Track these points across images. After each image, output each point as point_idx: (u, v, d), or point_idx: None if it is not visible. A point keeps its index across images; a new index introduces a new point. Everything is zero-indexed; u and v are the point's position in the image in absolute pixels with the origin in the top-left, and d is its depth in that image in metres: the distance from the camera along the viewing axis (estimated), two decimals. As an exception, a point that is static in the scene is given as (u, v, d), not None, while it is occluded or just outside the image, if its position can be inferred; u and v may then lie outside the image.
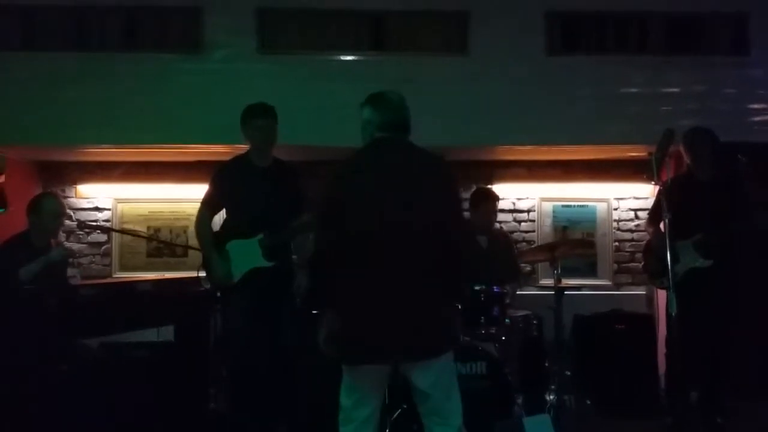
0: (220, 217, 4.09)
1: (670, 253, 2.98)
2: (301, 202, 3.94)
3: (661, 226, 3.89)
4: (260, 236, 3.81)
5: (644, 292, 5.86)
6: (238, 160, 4.01)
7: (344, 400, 2.75)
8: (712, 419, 4.24)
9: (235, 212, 3.96)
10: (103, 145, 5.46)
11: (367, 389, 2.73)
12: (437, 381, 2.70)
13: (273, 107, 3.94)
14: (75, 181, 5.99)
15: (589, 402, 4.37)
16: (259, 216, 3.81)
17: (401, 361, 2.70)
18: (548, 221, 6.12)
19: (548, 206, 6.14)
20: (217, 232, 4.02)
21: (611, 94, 5.44)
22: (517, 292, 4.91)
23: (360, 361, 2.68)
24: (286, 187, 3.92)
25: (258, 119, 3.88)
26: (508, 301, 4.38)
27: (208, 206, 4.01)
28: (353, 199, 2.68)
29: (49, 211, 4.14)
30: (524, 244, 5.99)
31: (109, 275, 5.89)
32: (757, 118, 5.52)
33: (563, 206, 6.14)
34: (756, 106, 5.53)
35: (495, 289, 4.14)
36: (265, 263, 3.80)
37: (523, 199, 6.13)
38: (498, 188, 5.29)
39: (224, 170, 4.02)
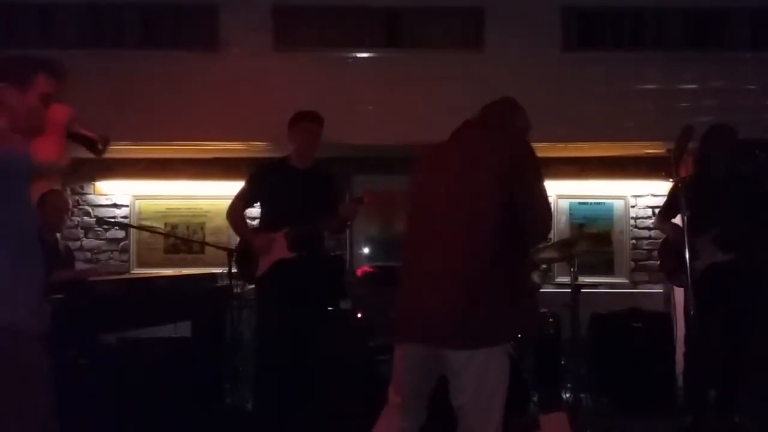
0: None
1: (689, 250, 2.95)
2: (334, 207, 3.98)
3: (678, 221, 3.87)
4: (286, 229, 3.88)
5: (662, 290, 5.81)
6: (279, 161, 4.13)
7: None
8: (730, 418, 4.20)
9: (271, 212, 4.08)
10: (121, 143, 5.49)
11: (403, 372, 2.52)
12: (470, 381, 2.32)
13: (321, 116, 4.05)
14: (93, 178, 6.04)
15: (605, 400, 4.34)
16: (294, 218, 3.88)
17: (424, 344, 2.41)
18: (564, 218, 6.09)
19: (565, 203, 6.11)
20: (253, 228, 4.19)
21: (628, 91, 5.41)
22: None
23: (394, 336, 2.54)
24: (322, 192, 4.02)
25: (307, 122, 3.99)
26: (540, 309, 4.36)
27: (242, 200, 4.14)
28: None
29: (51, 207, 4.30)
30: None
31: (127, 271, 5.95)
32: (776, 115, 5.45)
33: (580, 203, 6.10)
34: (775, 102, 5.47)
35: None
36: (287, 255, 3.87)
37: (539, 196, 6.08)
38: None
39: (263, 169, 4.15)
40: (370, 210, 5.13)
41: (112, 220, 5.93)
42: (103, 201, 6.06)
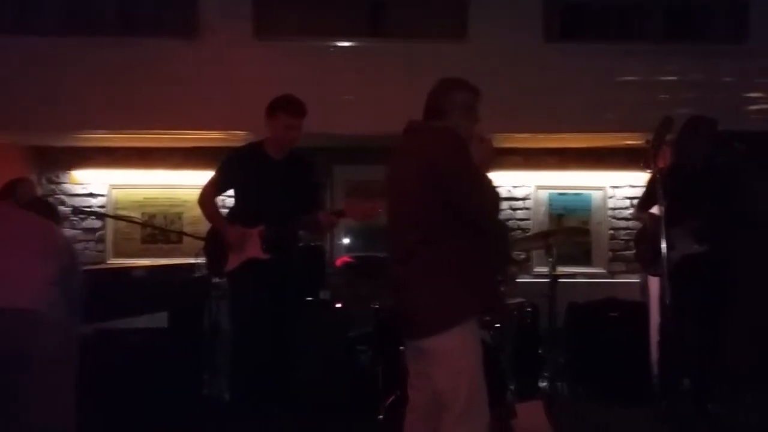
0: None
1: (666, 240, 2.98)
2: (315, 195, 3.93)
3: (655, 211, 3.90)
4: (261, 228, 3.79)
5: (638, 280, 5.86)
6: (253, 148, 3.97)
7: None
8: (704, 406, 4.27)
9: (243, 201, 3.97)
10: (98, 131, 5.43)
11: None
12: (436, 364, 2.53)
13: (305, 105, 3.87)
14: (69, 167, 5.95)
15: (581, 389, 4.38)
16: (267, 209, 3.79)
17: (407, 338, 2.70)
18: (544, 209, 6.11)
19: (544, 194, 6.13)
20: (224, 216, 4.05)
21: (609, 82, 5.42)
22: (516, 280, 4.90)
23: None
24: (300, 182, 3.89)
25: (284, 114, 3.82)
26: (503, 288, 4.39)
27: (214, 187, 4.02)
28: None
29: (21, 196, 4.22)
30: (519, 231, 5.99)
31: (104, 261, 5.88)
32: (754, 107, 5.50)
33: (559, 194, 6.13)
34: (754, 95, 5.52)
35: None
36: (261, 256, 3.78)
37: (519, 186, 6.12)
38: (494, 176, 5.27)
39: (237, 155, 4.01)
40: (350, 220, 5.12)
41: (88, 209, 5.85)
42: (79, 190, 5.98)
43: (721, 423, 4.16)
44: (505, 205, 6.04)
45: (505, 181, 6.02)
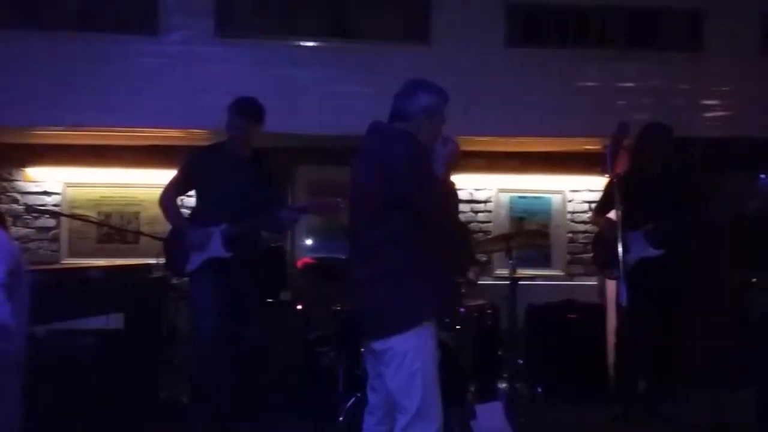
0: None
1: (621, 244, 3.03)
2: (277, 194, 3.93)
3: (613, 216, 3.97)
4: (223, 226, 3.76)
5: (596, 283, 5.96)
6: (216, 147, 3.97)
7: None
8: (658, 407, 4.35)
9: (205, 201, 3.94)
10: (54, 128, 5.30)
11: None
12: (389, 366, 2.53)
13: (260, 107, 3.86)
14: (23, 164, 5.80)
15: (539, 390, 4.43)
16: (229, 208, 3.77)
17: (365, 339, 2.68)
18: (504, 212, 6.17)
19: (505, 197, 6.20)
20: (186, 217, 4.03)
21: (569, 87, 5.50)
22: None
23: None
24: (262, 181, 3.88)
25: (237, 118, 3.82)
26: (464, 290, 4.41)
27: (176, 187, 4.00)
28: None
29: None
30: (481, 234, 6.04)
31: (58, 261, 5.75)
32: (709, 114, 5.65)
33: (520, 197, 6.21)
34: (709, 102, 5.67)
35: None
36: (222, 254, 3.75)
37: (480, 189, 6.17)
38: (456, 179, 5.31)
39: (199, 155, 4.00)
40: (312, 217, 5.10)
41: (42, 207, 5.71)
42: (32, 188, 5.83)
43: (674, 423, 4.25)
44: (466, 207, 6.09)
45: (467, 183, 6.07)
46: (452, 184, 2.93)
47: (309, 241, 5.97)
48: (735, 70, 5.62)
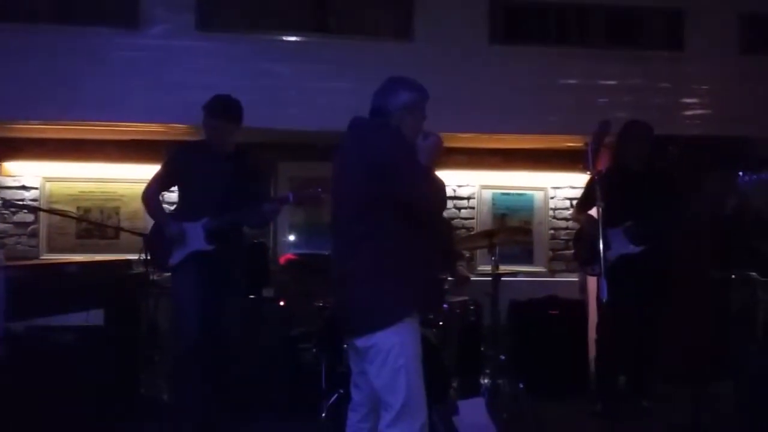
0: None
1: (602, 240, 3.05)
2: (260, 189, 3.91)
3: (594, 213, 3.99)
4: (204, 220, 3.75)
5: (578, 279, 6.00)
6: (198, 143, 3.96)
7: None
8: (639, 403, 4.40)
9: (187, 196, 3.93)
10: (32, 122, 5.23)
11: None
12: (372, 362, 2.52)
13: (234, 107, 3.82)
14: (1, 158, 5.70)
15: (521, 385, 4.45)
16: (212, 203, 3.76)
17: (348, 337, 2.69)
18: (486, 209, 6.19)
19: (488, 194, 6.21)
20: (169, 213, 4.01)
21: (551, 85, 5.52)
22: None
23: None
24: (243, 174, 3.86)
25: (210, 119, 3.80)
26: (447, 287, 4.42)
27: (158, 182, 3.99)
28: None
29: None
30: (464, 230, 6.05)
31: (37, 256, 5.66)
32: (689, 113, 5.71)
33: (502, 194, 6.23)
34: (688, 100, 5.72)
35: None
36: (204, 247, 3.74)
37: (463, 186, 6.18)
38: (439, 175, 5.31)
39: (182, 151, 3.99)
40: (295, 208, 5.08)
41: (20, 202, 5.63)
42: (10, 182, 5.74)
43: (655, 419, 4.29)
44: (449, 204, 6.09)
45: (450, 180, 6.07)
46: (439, 180, 2.92)
47: (291, 237, 5.95)
48: (715, 70, 5.68)
